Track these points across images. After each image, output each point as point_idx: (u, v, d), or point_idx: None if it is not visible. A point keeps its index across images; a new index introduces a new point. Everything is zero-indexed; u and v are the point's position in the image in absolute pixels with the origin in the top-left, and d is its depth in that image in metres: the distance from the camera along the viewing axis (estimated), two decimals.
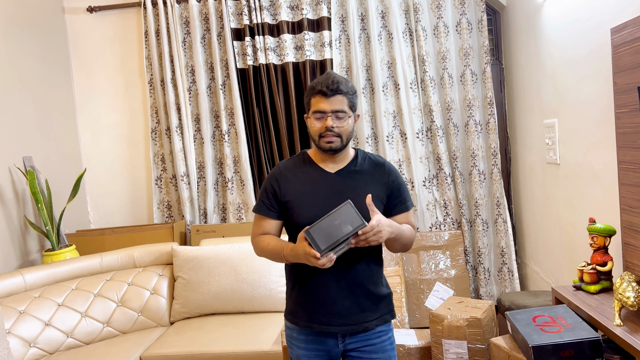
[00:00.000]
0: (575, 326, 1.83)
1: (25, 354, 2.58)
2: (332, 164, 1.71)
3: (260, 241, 1.73)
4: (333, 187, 1.66)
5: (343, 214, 1.44)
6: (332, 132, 1.62)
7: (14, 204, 3.16)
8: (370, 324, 1.68)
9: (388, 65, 3.61)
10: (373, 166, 1.72)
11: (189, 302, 2.97)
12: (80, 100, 3.94)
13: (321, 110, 1.62)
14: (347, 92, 1.64)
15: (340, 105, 1.62)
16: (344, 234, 1.43)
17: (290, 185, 1.69)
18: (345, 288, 1.65)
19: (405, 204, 1.73)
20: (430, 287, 3.56)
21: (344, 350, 1.71)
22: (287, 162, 1.77)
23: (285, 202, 1.68)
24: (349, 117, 1.65)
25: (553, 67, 2.77)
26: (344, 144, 1.66)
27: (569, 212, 2.71)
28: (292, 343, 1.75)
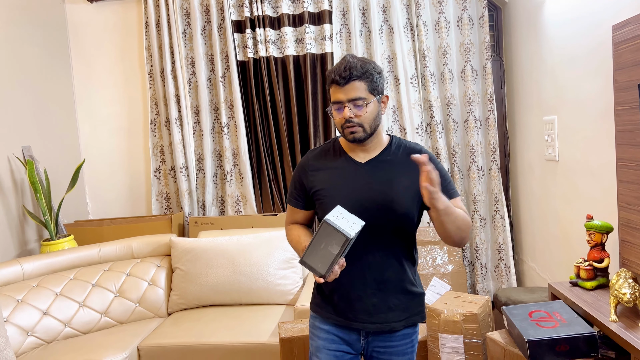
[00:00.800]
0: (571, 321, 1.84)
1: (23, 342, 2.59)
2: (363, 153, 1.61)
3: (288, 233, 1.71)
4: (362, 178, 1.58)
5: (324, 235, 1.35)
6: (352, 123, 1.52)
7: (13, 194, 3.16)
8: (398, 324, 1.60)
9: (389, 60, 3.61)
10: (407, 155, 1.58)
11: (186, 293, 2.97)
12: (80, 91, 3.93)
13: (338, 100, 1.53)
14: (363, 75, 1.51)
15: (356, 93, 1.50)
16: (334, 255, 1.36)
17: (318, 176, 1.63)
18: (373, 285, 1.57)
19: (448, 191, 1.55)
20: (427, 282, 3.57)
21: (365, 347, 1.65)
22: (316, 150, 1.70)
23: (313, 194, 1.63)
24: (369, 102, 1.52)
25: (553, 64, 2.77)
26: (369, 133, 1.55)
27: (566, 209, 2.72)
28: (313, 333, 1.69)
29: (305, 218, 1.73)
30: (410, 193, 1.54)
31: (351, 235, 1.33)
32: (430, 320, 2.82)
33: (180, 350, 2.56)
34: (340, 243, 1.33)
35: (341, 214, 1.38)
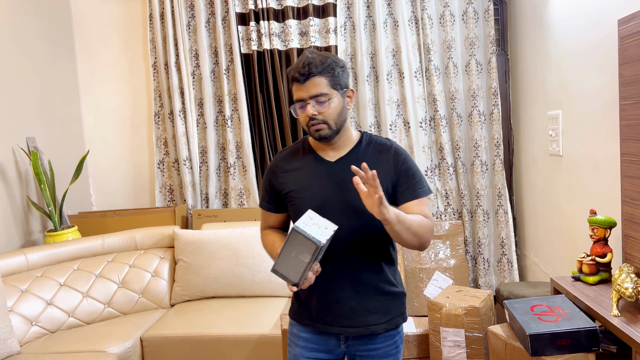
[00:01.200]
0: (572, 316, 1.84)
1: (27, 332, 2.60)
2: (332, 152, 1.56)
3: (263, 239, 1.67)
4: (333, 178, 1.52)
5: (294, 244, 1.29)
6: (317, 120, 1.47)
7: (17, 184, 3.17)
8: (379, 327, 1.54)
9: (393, 53, 3.60)
10: (377, 152, 1.55)
11: (189, 285, 2.99)
12: (84, 82, 3.93)
13: (299, 98, 1.48)
14: (323, 71, 1.45)
15: (317, 89, 1.45)
16: (306, 263, 1.30)
17: (289, 177, 1.57)
18: (351, 288, 1.52)
19: (415, 190, 1.51)
20: (430, 276, 3.58)
21: (346, 352, 1.60)
22: (285, 151, 1.64)
23: (284, 196, 1.58)
24: (331, 98, 1.47)
25: (558, 59, 2.76)
26: (335, 129, 1.50)
27: (570, 204, 2.72)
28: (291, 341, 1.64)
29: (279, 222, 1.68)
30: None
31: (322, 243, 1.27)
32: (432, 314, 2.83)
33: (183, 341, 2.58)
34: (311, 251, 1.28)
35: (312, 219, 1.33)
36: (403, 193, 1.51)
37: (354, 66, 3.64)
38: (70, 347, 2.49)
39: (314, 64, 1.45)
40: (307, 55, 1.47)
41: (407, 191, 1.51)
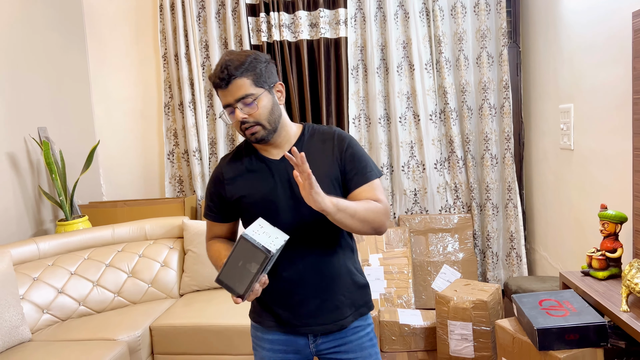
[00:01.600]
0: (581, 311, 1.83)
1: (39, 319, 2.64)
2: (275, 150, 1.48)
3: (208, 249, 1.57)
4: (280, 176, 1.45)
5: (242, 252, 1.22)
6: (249, 123, 1.39)
7: (29, 174, 3.20)
8: (346, 320, 1.49)
9: (403, 45, 3.58)
10: (321, 141, 1.48)
11: (198, 275, 3.01)
12: (95, 73, 3.95)
13: (226, 104, 1.40)
14: (244, 71, 1.37)
15: (241, 91, 1.37)
16: (253, 274, 1.22)
17: (235, 182, 1.49)
18: (313, 285, 1.46)
19: (363, 174, 1.44)
20: (438, 269, 3.58)
21: (316, 352, 1.53)
22: (228, 157, 1.55)
23: (233, 202, 1.50)
24: (258, 97, 1.39)
25: (571, 52, 2.73)
26: (271, 128, 1.43)
27: (580, 199, 2.70)
28: (257, 344, 1.57)
29: (226, 231, 1.60)
30: (329, 180, 1.44)
31: (271, 252, 1.20)
32: (440, 307, 2.83)
33: (191, 331, 2.60)
34: (260, 261, 1.21)
35: (262, 227, 1.26)
36: (352, 179, 1.45)
37: (364, 58, 3.63)
38: (81, 335, 2.52)
39: (233, 66, 1.37)
40: (224, 59, 1.39)
41: (356, 177, 1.44)
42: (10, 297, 2.38)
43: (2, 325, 2.30)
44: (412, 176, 3.67)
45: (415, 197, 3.70)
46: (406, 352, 3.07)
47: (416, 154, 3.65)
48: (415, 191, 3.69)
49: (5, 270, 2.40)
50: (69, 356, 2.24)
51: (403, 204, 3.71)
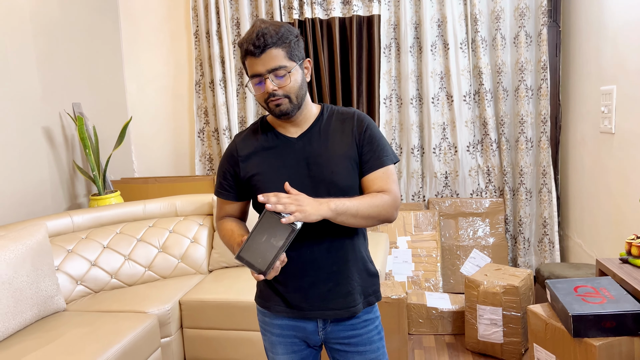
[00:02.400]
0: (619, 298, 1.77)
1: (73, 290, 2.71)
2: (293, 128, 1.45)
3: (220, 228, 1.54)
4: (298, 154, 1.42)
5: (266, 226, 1.20)
6: (277, 95, 1.35)
7: (64, 149, 3.26)
8: (357, 308, 1.46)
9: (438, 24, 3.48)
10: (340, 121, 1.46)
11: (227, 251, 3.03)
12: (127, 50, 3.98)
13: (256, 73, 1.34)
14: (279, 41, 1.33)
15: (275, 62, 1.33)
16: (277, 248, 1.21)
17: (250, 160, 1.45)
18: (327, 268, 1.43)
19: (379, 158, 1.42)
20: (467, 253, 3.53)
21: (325, 339, 1.51)
22: (243, 134, 1.52)
23: (247, 180, 1.45)
24: (291, 71, 1.35)
25: (615, 30, 2.61)
26: (297, 103, 1.39)
27: (620, 184, 2.60)
28: (265, 329, 1.55)
29: (238, 210, 1.57)
30: (348, 161, 1.41)
31: (297, 226, 1.19)
32: (469, 291, 2.79)
33: (219, 306, 2.63)
34: (285, 234, 1.19)
35: None
36: (368, 162, 1.42)
37: (396, 36, 3.55)
38: (112, 307, 2.58)
39: (269, 35, 1.32)
40: (259, 26, 1.34)
41: (372, 159, 1.42)
42: (46, 267, 2.45)
43: (39, 295, 2.37)
44: (444, 158, 3.61)
45: (445, 180, 3.63)
46: (433, 335, 3.05)
47: (448, 136, 3.58)
48: (446, 174, 3.63)
49: (41, 242, 2.46)
50: (102, 326, 2.30)
51: (433, 186, 3.65)
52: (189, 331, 2.71)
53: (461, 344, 2.92)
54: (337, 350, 1.51)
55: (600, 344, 1.67)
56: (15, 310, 2.24)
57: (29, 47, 2.98)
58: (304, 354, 1.53)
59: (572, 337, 1.72)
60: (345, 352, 1.49)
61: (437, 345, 2.92)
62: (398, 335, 2.63)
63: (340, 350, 1.50)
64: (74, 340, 2.17)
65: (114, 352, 2.12)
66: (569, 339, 1.77)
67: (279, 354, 1.52)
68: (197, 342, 2.70)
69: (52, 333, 2.24)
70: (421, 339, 3.01)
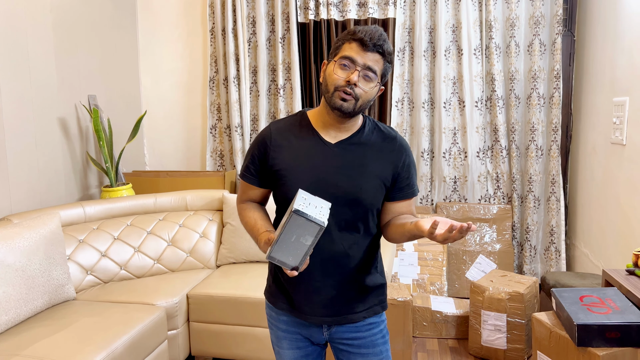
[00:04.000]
0: (624, 309, 1.78)
1: (83, 280, 2.75)
2: (335, 132, 1.43)
3: (242, 213, 1.54)
4: (330, 160, 1.41)
5: (295, 227, 1.22)
6: (351, 90, 1.34)
7: (78, 140, 3.31)
8: (357, 315, 1.47)
9: (453, 29, 3.50)
10: (381, 139, 1.46)
11: (235, 247, 3.07)
12: (144, 44, 4.02)
13: (352, 58, 1.34)
14: (386, 55, 1.36)
15: (374, 64, 1.35)
16: (307, 246, 1.24)
17: (281, 152, 1.44)
18: (335, 277, 1.43)
19: (412, 188, 1.47)
20: (473, 259, 3.54)
21: (329, 339, 1.53)
22: (281, 123, 1.49)
23: (274, 172, 1.44)
24: (377, 83, 1.38)
25: (631, 41, 2.61)
26: (357, 111, 1.38)
27: (630, 195, 2.61)
28: (272, 323, 1.57)
29: (260, 196, 1.56)
30: (378, 181, 1.42)
31: (325, 224, 1.21)
32: (474, 296, 2.81)
33: (226, 301, 2.66)
34: (314, 233, 1.22)
35: (307, 200, 1.26)
36: (402, 189, 1.46)
37: (411, 40, 3.57)
38: (121, 298, 2.62)
39: (387, 43, 1.36)
40: (382, 32, 1.37)
41: (406, 188, 1.46)
42: (58, 256, 2.49)
43: (50, 283, 2.41)
44: (453, 163, 3.62)
45: (454, 184, 3.65)
46: (437, 338, 3.07)
47: (459, 141, 3.59)
48: (455, 179, 3.64)
49: (54, 231, 2.50)
50: (111, 316, 2.33)
51: (442, 191, 3.67)
52: (195, 325, 2.74)
53: (464, 349, 2.94)
54: (341, 350, 1.53)
55: (604, 354, 1.69)
56: (27, 297, 2.28)
57: (48, 38, 3.02)
58: (308, 350, 1.56)
59: (577, 346, 1.74)
60: (349, 352, 1.52)
61: (440, 349, 2.94)
62: (402, 337, 2.65)
63: (344, 350, 1.52)
64: (83, 329, 2.21)
65: (123, 342, 2.16)
66: (572, 348, 1.79)
67: (284, 348, 1.56)
68: (203, 336, 2.73)
69: (63, 321, 2.28)
70: (425, 342, 3.03)
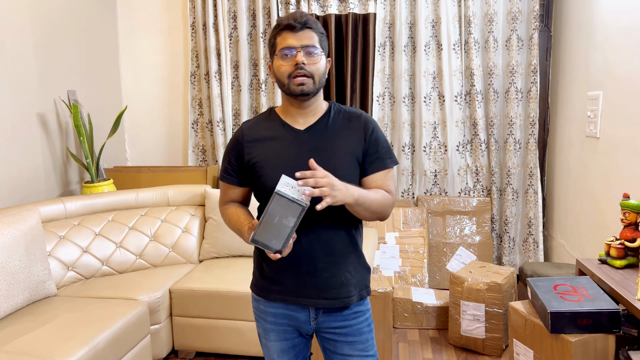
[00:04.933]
0: (596, 297, 1.84)
1: (64, 276, 2.74)
2: (302, 119, 1.49)
3: (224, 213, 1.59)
4: (303, 146, 1.46)
5: (277, 208, 1.25)
6: (303, 71, 1.39)
7: (58, 135, 3.28)
8: (351, 299, 1.50)
9: (432, 24, 3.54)
10: (347, 119, 1.51)
11: (218, 242, 3.08)
12: (124, 39, 3.99)
13: (289, 46, 1.40)
14: (315, 27, 1.43)
15: (310, 41, 1.41)
16: (290, 227, 1.26)
17: (255, 147, 1.49)
18: (324, 258, 1.46)
19: (383, 160, 1.49)
20: (454, 251, 3.60)
21: (316, 329, 1.55)
22: (251, 121, 1.56)
23: (251, 166, 1.49)
24: (322, 54, 1.44)
25: (605, 36, 2.68)
26: (317, 87, 1.44)
27: (603, 187, 2.68)
28: (259, 316, 1.59)
29: (241, 196, 1.61)
30: (351, 157, 1.46)
31: (307, 204, 1.24)
32: (454, 287, 2.86)
33: (209, 295, 2.68)
34: (296, 214, 1.25)
35: (289, 184, 1.28)
36: (372, 163, 1.48)
37: (391, 35, 3.60)
38: (103, 293, 2.61)
39: (309, 19, 1.43)
40: (299, 12, 1.45)
41: (377, 160, 1.48)
42: (39, 252, 2.48)
43: (30, 280, 2.40)
44: (434, 157, 3.67)
45: (435, 178, 3.70)
46: (417, 329, 3.12)
47: (439, 135, 3.64)
48: (436, 172, 3.69)
49: (34, 227, 2.49)
50: (93, 312, 2.33)
51: (422, 184, 3.71)
52: (178, 319, 2.75)
53: (444, 339, 2.99)
54: (328, 340, 1.56)
55: (576, 340, 1.74)
56: (7, 293, 2.27)
57: (26, 32, 2.99)
58: (295, 341, 1.58)
59: (550, 332, 1.79)
60: (335, 341, 1.54)
61: (421, 339, 2.99)
62: (383, 328, 2.69)
63: (331, 339, 1.55)
64: (65, 324, 2.21)
65: (105, 337, 2.16)
66: (546, 335, 1.84)
67: (272, 340, 1.57)
68: (186, 330, 2.75)
69: (43, 317, 2.28)
70: (406, 333, 3.08)
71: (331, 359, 1.58)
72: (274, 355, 1.58)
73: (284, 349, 1.57)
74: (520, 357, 2.01)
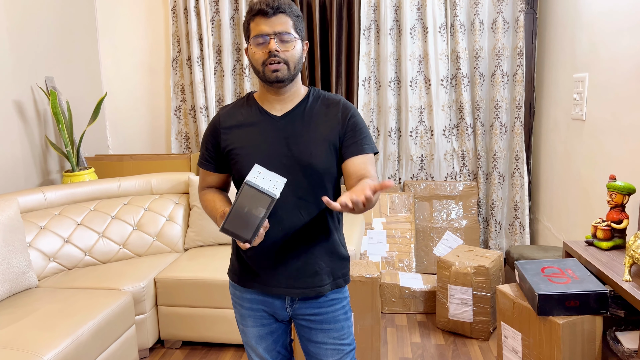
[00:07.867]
0: (583, 279, 1.84)
1: (45, 267, 2.68)
2: (280, 105, 1.47)
3: (202, 199, 1.57)
4: (279, 132, 1.44)
5: (247, 198, 1.23)
6: (277, 58, 1.37)
7: (36, 123, 3.19)
8: (324, 288, 1.49)
9: (418, 7, 3.49)
10: (325, 106, 1.48)
11: (203, 230, 3.03)
12: (103, 23, 3.89)
13: (262, 33, 1.37)
14: (289, 11, 1.39)
15: (284, 27, 1.37)
16: (260, 218, 1.25)
17: (232, 133, 1.47)
18: (299, 248, 1.45)
19: (361, 145, 1.45)
20: (440, 235, 3.60)
21: (292, 315, 1.55)
22: (229, 107, 1.54)
23: (227, 152, 1.48)
24: (296, 40, 1.40)
25: (590, 18, 2.66)
26: (292, 74, 1.41)
27: (589, 170, 2.68)
28: (236, 302, 1.58)
29: (219, 182, 1.59)
30: (327, 144, 1.44)
31: (277, 195, 1.23)
32: (441, 272, 2.86)
33: (194, 284, 2.64)
34: (266, 205, 1.23)
35: (261, 174, 1.28)
36: (349, 147, 1.45)
37: (376, 18, 3.55)
38: (86, 284, 2.56)
39: (283, 2, 1.38)
40: None
41: (354, 145, 1.45)
42: (18, 243, 2.41)
43: (10, 271, 2.34)
44: (420, 142, 3.65)
45: (421, 163, 3.68)
46: (405, 314, 3.12)
47: (425, 120, 3.62)
48: (422, 157, 3.67)
49: (13, 217, 2.42)
50: (76, 303, 2.29)
51: (409, 169, 3.70)
52: (163, 309, 2.71)
53: (432, 323, 3.00)
54: (303, 327, 1.55)
55: (564, 322, 1.74)
56: None
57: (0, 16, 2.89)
58: (272, 327, 1.57)
59: (538, 315, 1.79)
60: (310, 328, 1.53)
61: (409, 324, 2.99)
62: (371, 313, 2.68)
63: (305, 326, 1.54)
64: (47, 316, 2.16)
65: (88, 328, 2.12)
66: (534, 318, 1.84)
67: (249, 326, 1.57)
68: (172, 320, 2.71)
69: (25, 309, 2.22)
70: (394, 318, 3.07)
71: (306, 346, 1.57)
72: (252, 341, 1.58)
73: (262, 335, 1.57)
74: (508, 339, 2.02)
